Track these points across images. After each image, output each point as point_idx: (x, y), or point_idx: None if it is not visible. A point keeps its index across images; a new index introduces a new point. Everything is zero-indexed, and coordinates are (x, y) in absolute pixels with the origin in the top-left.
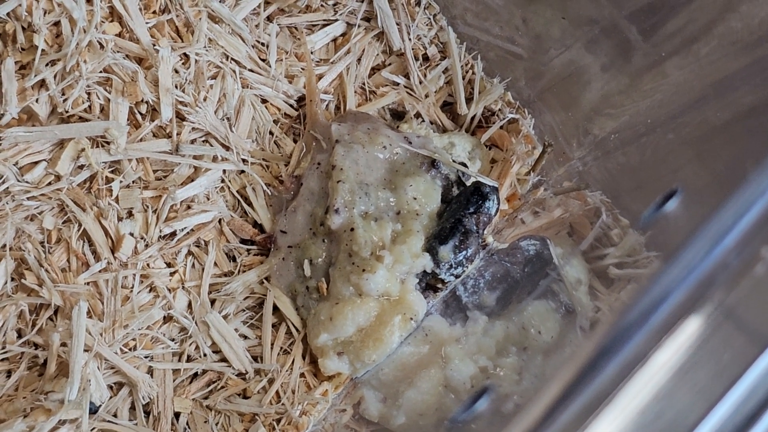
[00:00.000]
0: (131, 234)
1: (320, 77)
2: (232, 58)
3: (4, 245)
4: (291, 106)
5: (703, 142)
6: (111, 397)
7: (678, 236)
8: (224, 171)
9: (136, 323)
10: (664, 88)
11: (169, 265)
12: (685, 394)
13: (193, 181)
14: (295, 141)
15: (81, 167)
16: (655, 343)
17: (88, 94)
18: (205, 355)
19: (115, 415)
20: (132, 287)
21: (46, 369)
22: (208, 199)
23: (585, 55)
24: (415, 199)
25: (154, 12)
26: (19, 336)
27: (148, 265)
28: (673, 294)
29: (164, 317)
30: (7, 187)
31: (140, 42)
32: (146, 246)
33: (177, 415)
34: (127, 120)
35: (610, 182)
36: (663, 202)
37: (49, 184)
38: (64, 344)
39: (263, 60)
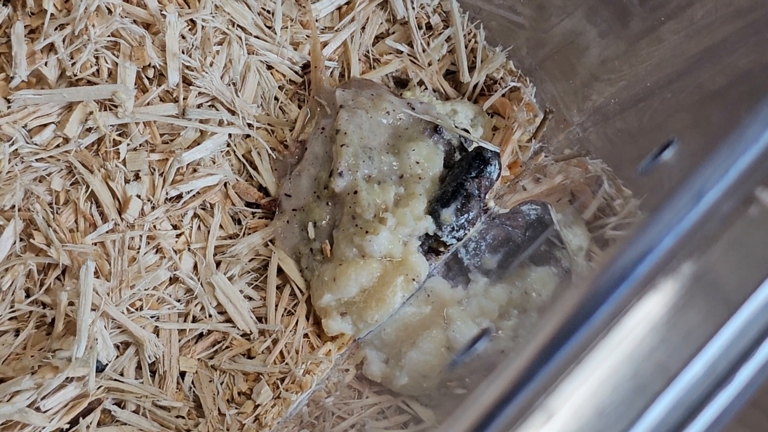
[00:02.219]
0: (138, 196)
1: (325, 45)
2: (238, 25)
3: (13, 206)
4: (296, 72)
5: (699, 107)
6: (117, 356)
7: (670, 185)
8: (230, 135)
9: (143, 284)
10: (661, 53)
11: (175, 227)
12: (675, 336)
13: (199, 144)
14: (299, 106)
15: (89, 130)
16: (647, 283)
17: (96, 58)
18: (210, 315)
19: (121, 374)
20: (138, 248)
21: (53, 328)
22: (214, 162)
23: (584, 23)
24: (417, 163)
25: None
26: (28, 295)
27: (154, 226)
28: (664, 240)
29: (170, 278)
30: (16, 149)
31: (147, 7)
32: (153, 208)
33: (182, 374)
34: (135, 84)
35: (610, 149)
36: (659, 153)
37: (58, 146)
38: (71, 303)
39: (269, 27)
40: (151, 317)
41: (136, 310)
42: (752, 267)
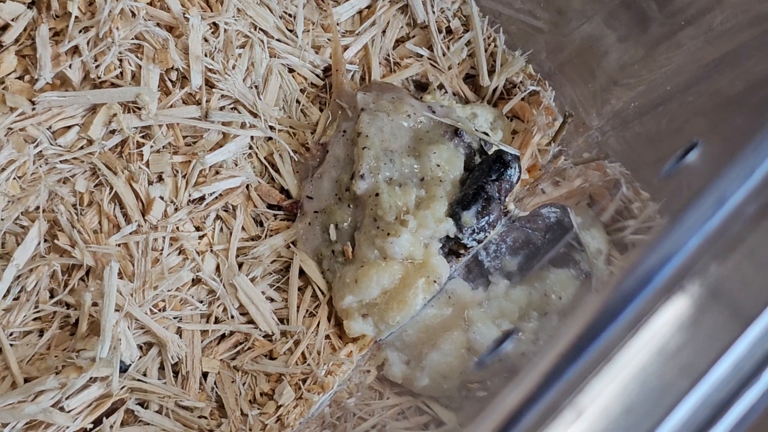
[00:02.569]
0: (161, 197)
1: (346, 48)
2: (260, 28)
3: (38, 207)
4: (317, 75)
5: (718, 112)
6: (141, 357)
7: (691, 189)
8: (252, 137)
9: (166, 285)
10: (679, 58)
11: (197, 228)
12: (701, 336)
13: (221, 146)
14: (321, 109)
15: (113, 132)
16: (665, 293)
17: (120, 60)
18: (232, 317)
19: (144, 374)
20: (162, 249)
21: (77, 328)
22: (236, 164)
23: (603, 28)
24: (438, 166)
25: None
26: (52, 296)
27: (177, 228)
28: (689, 243)
29: (193, 279)
30: (41, 151)
31: (171, 10)
32: (176, 209)
33: (205, 375)
34: (158, 86)
35: (629, 153)
36: (683, 155)
37: (82, 148)
38: (95, 304)
39: (290, 30)
40: (174, 318)
41: (159, 310)
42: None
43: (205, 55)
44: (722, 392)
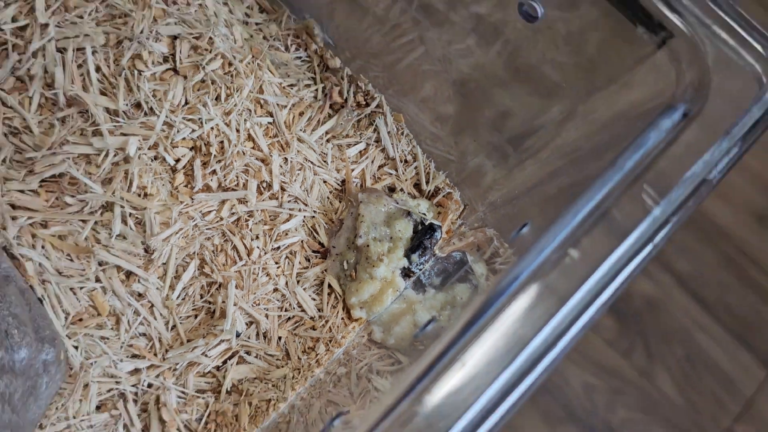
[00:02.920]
0: (257, 247)
1: (352, 170)
2: (308, 160)
3: (194, 252)
4: (338, 184)
5: (544, 204)
6: (246, 329)
7: (528, 244)
8: (304, 216)
9: (260, 292)
10: (524, 175)
11: (276, 263)
12: (529, 320)
13: (288, 221)
14: (340, 201)
15: (232, 213)
16: (518, 292)
17: (237, 176)
18: (293, 308)
19: (248, 338)
20: (258, 274)
21: (214, 314)
22: (296, 230)
23: (485, 160)
24: (399, 231)
25: (269, 136)
26: (201, 297)
27: (266, 263)
28: (525, 271)
29: (273, 289)
30: (196, 223)
31: (262, 151)
32: (265, 253)
33: (279, 338)
34: (256, 189)
35: (498, 224)
36: (520, 229)
37: (217, 221)
38: (223, 302)
39: (324, 161)
40: (264, 308)
41: (256, 305)
42: (570, 284)
43: (281, 174)
44: (540, 351)
